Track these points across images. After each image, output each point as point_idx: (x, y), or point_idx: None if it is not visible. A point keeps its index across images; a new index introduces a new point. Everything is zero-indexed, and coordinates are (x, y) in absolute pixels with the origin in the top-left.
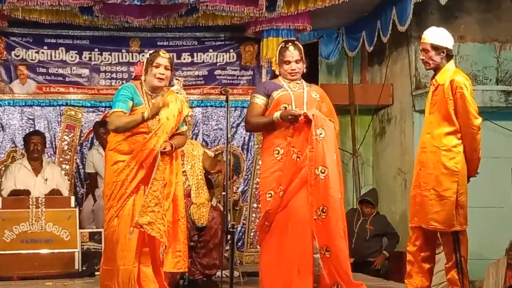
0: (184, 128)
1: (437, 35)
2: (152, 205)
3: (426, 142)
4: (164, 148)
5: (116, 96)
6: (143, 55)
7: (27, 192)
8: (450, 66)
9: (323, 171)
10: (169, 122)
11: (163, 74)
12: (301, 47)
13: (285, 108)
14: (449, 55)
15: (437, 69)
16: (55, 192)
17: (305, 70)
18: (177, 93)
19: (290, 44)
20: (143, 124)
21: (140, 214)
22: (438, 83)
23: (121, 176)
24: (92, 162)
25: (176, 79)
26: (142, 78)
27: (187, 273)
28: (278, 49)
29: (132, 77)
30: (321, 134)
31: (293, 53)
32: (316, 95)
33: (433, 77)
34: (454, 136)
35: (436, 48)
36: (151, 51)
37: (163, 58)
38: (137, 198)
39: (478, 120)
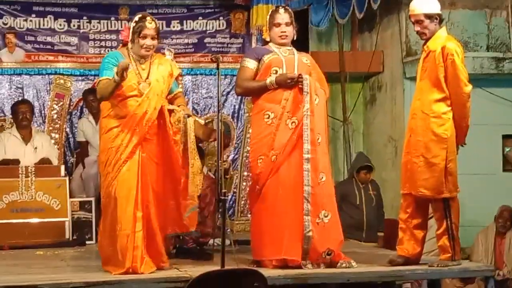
0: (179, 89)
1: (427, 3)
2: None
3: (416, 109)
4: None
5: (102, 64)
6: None
7: (16, 161)
8: (442, 33)
9: (318, 138)
10: (159, 84)
11: (150, 45)
12: (291, 11)
13: (276, 72)
14: (441, 20)
15: (430, 37)
16: (44, 161)
17: (295, 36)
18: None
19: (280, 7)
20: (132, 87)
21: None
22: (430, 50)
23: (116, 141)
24: (83, 130)
25: (168, 50)
26: (129, 45)
27: (179, 242)
28: (269, 13)
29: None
30: (315, 100)
31: (283, 15)
32: (307, 61)
33: (424, 44)
34: (444, 103)
35: (429, 16)
36: (136, 18)
37: (149, 29)
38: (132, 163)
39: (468, 88)
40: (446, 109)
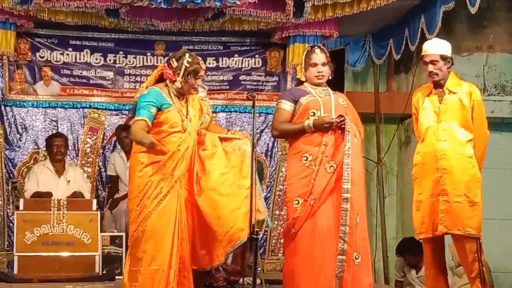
0: (208, 118)
1: (443, 46)
2: None
3: (445, 150)
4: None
5: (140, 102)
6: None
7: (49, 194)
8: (454, 75)
9: (356, 178)
10: (196, 120)
11: (198, 87)
12: (327, 51)
13: (314, 114)
14: (452, 64)
15: (441, 79)
16: (77, 195)
17: (331, 76)
18: (202, 100)
19: (316, 47)
20: (176, 124)
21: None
22: (450, 91)
23: (156, 176)
24: (113, 164)
25: (202, 87)
26: (177, 83)
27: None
28: (304, 53)
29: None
30: (354, 140)
31: (319, 55)
32: (343, 102)
33: (437, 85)
34: (471, 144)
35: (444, 58)
36: (188, 58)
37: (203, 69)
38: (173, 197)
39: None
40: (473, 151)
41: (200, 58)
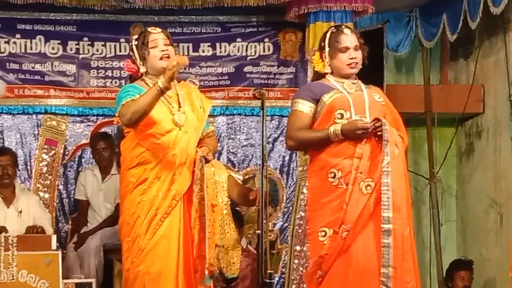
0: (211, 128)
1: None
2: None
3: None
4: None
5: (119, 97)
6: None
7: (3, 229)
8: None
9: (400, 202)
10: (194, 116)
11: (166, 51)
12: (357, 32)
13: (342, 116)
14: None
15: None
16: (33, 230)
17: (366, 62)
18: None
19: (344, 26)
20: (166, 119)
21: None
22: None
23: (149, 193)
24: (84, 185)
25: (190, 81)
26: (142, 69)
27: None
28: (328, 35)
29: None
30: (395, 151)
31: (350, 37)
32: (379, 98)
33: None
34: None
35: None
36: (135, 36)
37: (155, 33)
38: (172, 221)
39: None
40: None
41: (152, 26)
